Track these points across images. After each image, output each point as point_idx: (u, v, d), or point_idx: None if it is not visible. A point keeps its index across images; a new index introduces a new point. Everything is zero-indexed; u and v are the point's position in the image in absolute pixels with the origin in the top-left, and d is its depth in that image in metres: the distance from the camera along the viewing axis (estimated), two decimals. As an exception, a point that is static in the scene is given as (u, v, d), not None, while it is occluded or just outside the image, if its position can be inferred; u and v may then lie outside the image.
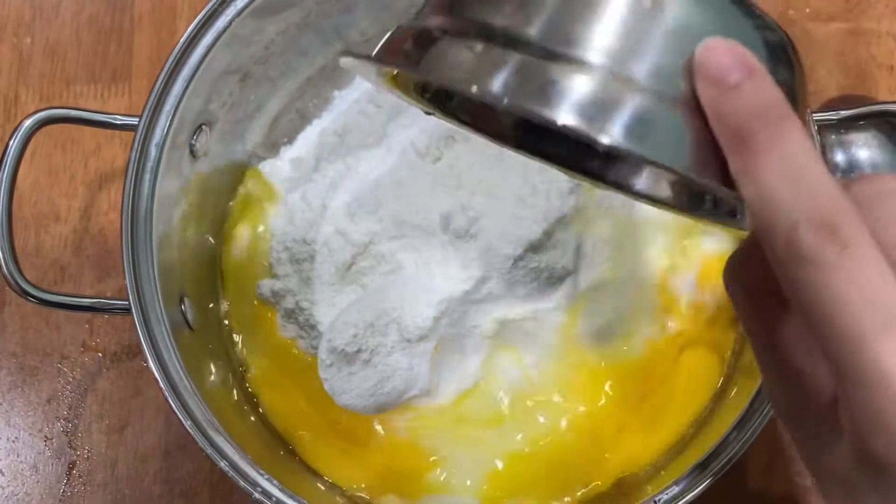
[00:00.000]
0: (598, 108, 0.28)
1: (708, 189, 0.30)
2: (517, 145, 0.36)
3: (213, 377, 0.56)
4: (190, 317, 0.55)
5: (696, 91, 0.28)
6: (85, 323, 0.67)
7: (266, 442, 0.57)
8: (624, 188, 0.38)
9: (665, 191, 0.38)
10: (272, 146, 0.64)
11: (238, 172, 0.63)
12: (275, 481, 0.49)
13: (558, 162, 0.36)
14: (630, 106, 0.28)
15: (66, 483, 0.65)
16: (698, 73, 0.28)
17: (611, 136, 0.28)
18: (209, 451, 0.48)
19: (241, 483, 0.48)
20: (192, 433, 0.48)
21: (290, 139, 0.64)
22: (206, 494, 0.64)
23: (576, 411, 0.58)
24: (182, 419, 0.49)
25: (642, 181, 0.38)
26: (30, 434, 0.66)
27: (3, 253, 0.50)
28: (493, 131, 0.36)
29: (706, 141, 0.29)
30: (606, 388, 0.58)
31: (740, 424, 0.49)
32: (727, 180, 0.29)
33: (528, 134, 0.36)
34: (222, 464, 0.48)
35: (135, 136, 0.52)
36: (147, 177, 0.52)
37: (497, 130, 0.37)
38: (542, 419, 0.58)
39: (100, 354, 0.66)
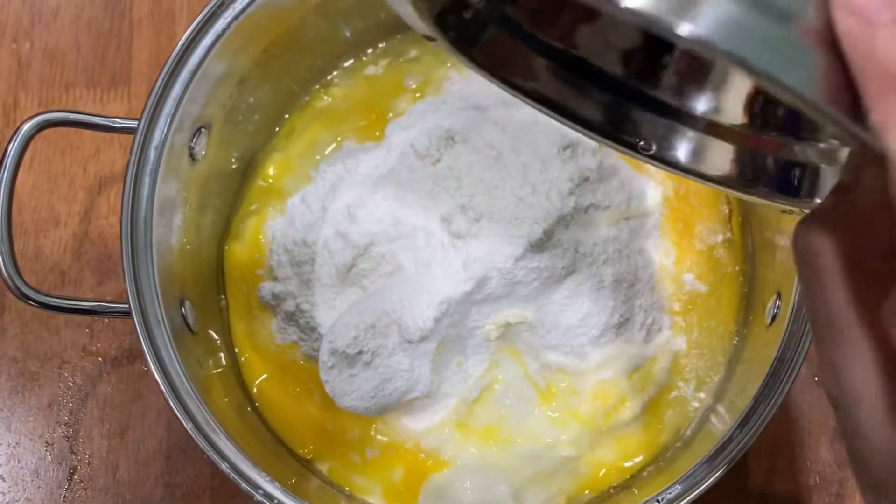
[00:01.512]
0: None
1: (825, 124, 0.25)
2: (543, 95, 0.29)
3: (214, 380, 0.56)
4: (191, 319, 0.55)
5: (831, 19, 0.24)
6: (85, 327, 0.67)
7: (269, 444, 0.57)
8: (670, 163, 0.32)
9: (719, 165, 0.32)
10: (272, 148, 0.64)
11: (238, 175, 0.63)
12: (276, 483, 0.48)
13: (595, 126, 0.29)
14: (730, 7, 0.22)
15: (67, 488, 0.65)
16: (835, 3, 0.24)
17: (695, 26, 0.22)
18: (210, 453, 0.48)
19: (243, 485, 0.48)
20: (193, 435, 0.48)
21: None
22: (208, 499, 0.64)
23: (579, 412, 0.57)
24: (183, 422, 0.48)
25: (694, 153, 0.32)
26: (31, 439, 0.65)
27: (2, 256, 0.50)
28: (517, 73, 0.28)
29: (829, 72, 0.24)
30: (610, 389, 0.58)
31: (742, 423, 0.49)
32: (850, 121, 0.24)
33: (560, 78, 0.29)
34: (223, 466, 0.48)
35: (134, 138, 0.52)
36: (146, 180, 0.52)
37: (522, 74, 0.29)
38: (544, 421, 0.58)
39: (100, 359, 0.66)
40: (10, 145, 0.53)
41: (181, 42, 0.53)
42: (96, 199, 0.69)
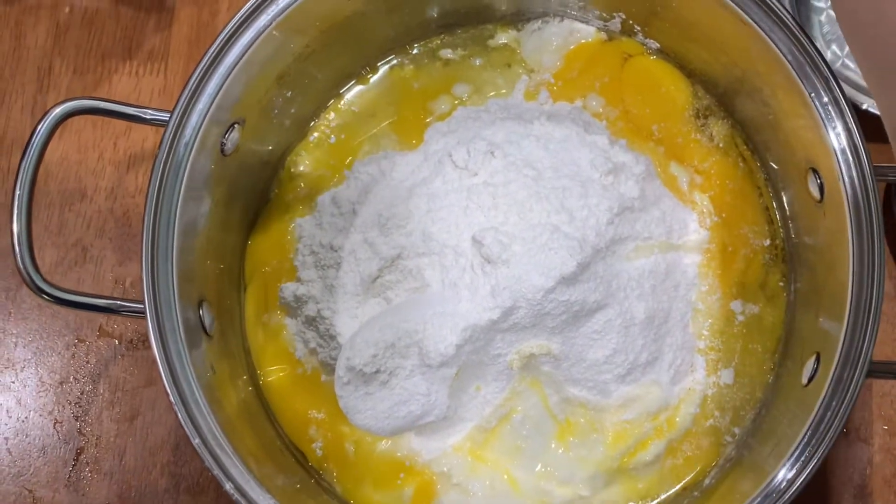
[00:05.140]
0: None
1: None
2: None
3: (226, 384, 0.54)
4: (207, 321, 0.54)
5: None
6: (103, 306, 0.66)
7: (277, 455, 0.56)
8: None
9: None
10: (305, 143, 0.62)
11: (269, 169, 0.61)
12: (281, 506, 0.47)
13: None
14: None
15: (72, 468, 0.64)
16: None
17: None
18: (216, 471, 0.47)
19: (246, 507, 0.47)
20: (200, 452, 0.47)
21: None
22: (213, 493, 0.63)
23: (597, 451, 0.56)
24: (190, 436, 0.47)
25: None
26: (40, 415, 0.65)
27: (20, 248, 0.49)
28: None
29: None
30: (631, 429, 0.56)
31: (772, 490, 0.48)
32: None
33: None
34: (227, 486, 0.47)
35: (164, 132, 0.51)
36: (173, 176, 0.51)
37: None
38: (560, 456, 0.56)
39: (115, 341, 0.65)
40: (40, 126, 0.50)
41: (220, 38, 0.51)
42: (124, 176, 0.67)
